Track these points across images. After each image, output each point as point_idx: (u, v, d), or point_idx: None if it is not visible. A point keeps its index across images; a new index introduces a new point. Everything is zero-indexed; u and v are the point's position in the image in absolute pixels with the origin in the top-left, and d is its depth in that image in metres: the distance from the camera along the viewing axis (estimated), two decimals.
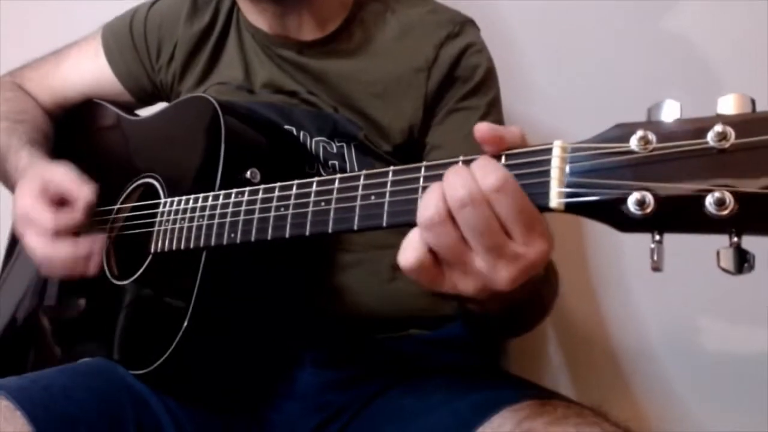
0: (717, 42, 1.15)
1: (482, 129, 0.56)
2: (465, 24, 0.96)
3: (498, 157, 0.56)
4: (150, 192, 0.93)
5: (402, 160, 0.93)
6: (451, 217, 0.54)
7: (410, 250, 0.56)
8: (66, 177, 0.90)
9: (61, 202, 0.89)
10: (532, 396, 0.78)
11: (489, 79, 0.95)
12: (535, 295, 0.70)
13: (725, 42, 1.14)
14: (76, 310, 0.98)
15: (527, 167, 0.55)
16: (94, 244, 0.87)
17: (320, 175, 0.91)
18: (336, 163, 0.94)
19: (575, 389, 1.22)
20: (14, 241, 1.15)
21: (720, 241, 0.49)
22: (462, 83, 0.93)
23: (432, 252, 0.56)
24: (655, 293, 1.19)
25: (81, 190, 0.88)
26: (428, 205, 0.55)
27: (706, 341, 1.19)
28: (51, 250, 0.86)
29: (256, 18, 0.98)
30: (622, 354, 1.23)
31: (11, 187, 1.01)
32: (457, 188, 0.53)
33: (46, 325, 1.03)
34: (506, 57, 1.14)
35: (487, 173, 0.53)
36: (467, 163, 0.57)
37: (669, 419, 1.19)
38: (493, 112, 0.94)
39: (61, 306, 1.00)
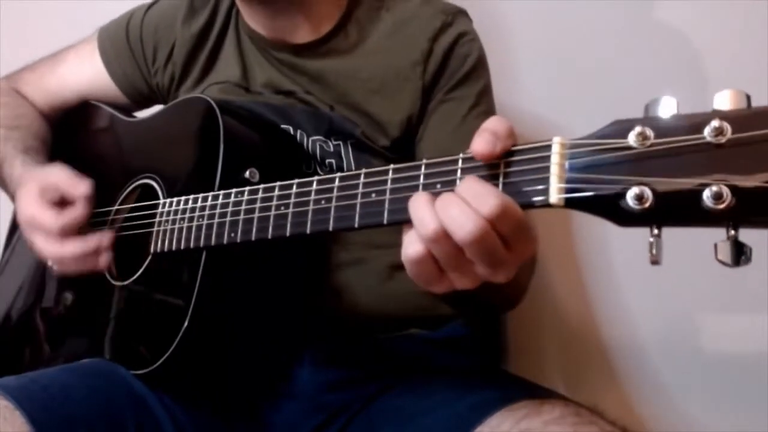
0: (713, 39, 1.15)
1: (479, 151, 0.56)
2: (457, 14, 0.97)
3: (498, 157, 0.57)
4: (148, 192, 0.93)
5: (399, 155, 0.94)
6: (449, 235, 0.55)
7: (411, 247, 0.57)
8: (61, 176, 0.91)
9: (61, 202, 0.90)
10: (530, 396, 0.79)
11: (479, 67, 0.95)
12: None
13: (722, 39, 1.15)
14: (75, 311, 0.98)
15: (527, 164, 0.56)
16: (102, 238, 0.89)
17: (318, 174, 0.93)
18: (333, 161, 0.94)
19: (572, 390, 1.22)
20: (10, 240, 1.15)
21: (717, 235, 0.50)
22: (452, 73, 0.94)
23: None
24: (649, 291, 1.19)
25: (77, 186, 0.89)
26: (425, 220, 0.55)
27: (700, 339, 1.19)
28: (60, 250, 0.88)
29: (253, 21, 0.98)
30: (619, 355, 1.23)
31: (10, 195, 1.02)
32: (465, 226, 0.54)
33: (44, 325, 1.03)
34: (501, 53, 1.15)
35: (483, 200, 0.54)
36: (467, 161, 0.59)
37: (662, 418, 1.19)
38: (483, 102, 0.95)
39: (59, 306, 1.00)
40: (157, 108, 1.08)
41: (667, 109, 0.52)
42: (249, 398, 0.92)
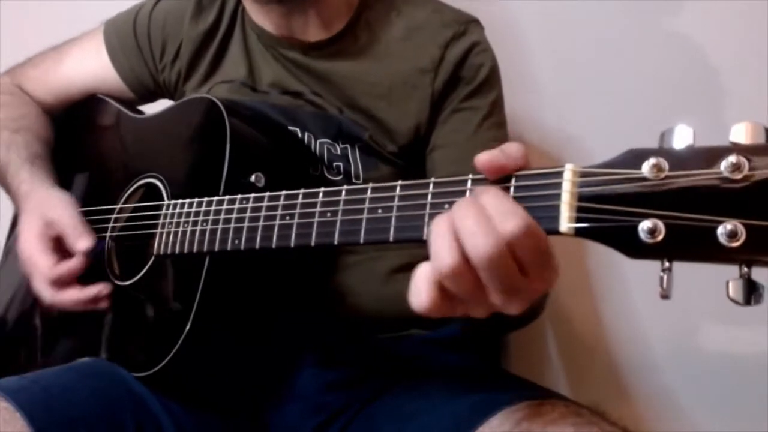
0: (728, 47, 1.14)
1: (482, 160, 0.55)
2: (470, 23, 0.96)
3: (508, 179, 0.56)
4: (152, 192, 0.92)
5: (406, 161, 0.94)
6: (468, 264, 0.52)
7: (424, 294, 0.54)
8: (68, 221, 0.91)
9: (59, 241, 0.91)
10: (530, 396, 0.78)
11: (492, 78, 0.95)
12: None
13: (735, 46, 1.13)
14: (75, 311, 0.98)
15: (537, 189, 0.54)
16: (102, 289, 0.89)
17: (324, 177, 0.93)
18: (341, 164, 0.94)
19: (573, 389, 1.23)
20: (9, 240, 1.14)
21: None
22: (466, 83, 0.93)
23: (444, 289, 0.54)
24: (651, 292, 1.19)
25: (79, 240, 0.90)
26: (443, 253, 0.52)
27: (704, 343, 1.20)
28: (54, 297, 0.89)
29: (262, 19, 0.97)
30: (619, 355, 1.24)
31: (14, 202, 1.02)
32: (480, 243, 0.50)
33: (44, 325, 1.03)
34: (513, 59, 1.14)
35: (506, 219, 0.51)
36: (476, 182, 0.57)
37: (665, 420, 1.20)
38: (495, 112, 0.94)
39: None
40: (163, 104, 1.07)
41: (683, 138, 0.51)
42: (250, 399, 0.92)
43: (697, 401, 1.19)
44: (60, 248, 0.91)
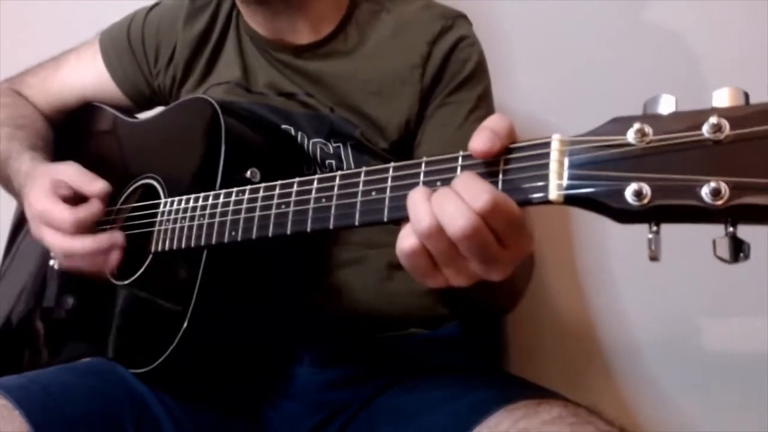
0: (711, 39, 1.16)
1: (478, 149, 0.57)
2: (457, 18, 0.97)
3: (496, 155, 0.57)
4: (150, 192, 0.93)
5: (398, 157, 0.94)
6: (443, 231, 0.56)
7: (407, 239, 0.59)
8: (75, 173, 0.90)
9: (73, 199, 0.89)
10: (528, 395, 0.79)
11: (478, 72, 0.96)
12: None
13: (719, 39, 1.15)
14: (75, 311, 0.98)
15: (526, 161, 0.56)
16: (115, 236, 0.87)
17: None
18: (333, 162, 0.95)
19: (569, 389, 1.22)
20: (11, 241, 1.15)
21: (715, 233, 0.50)
22: (452, 77, 0.94)
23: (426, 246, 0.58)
24: (646, 292, 1.20)
25: (93, 184, 0.89)
26: (420, 216, 0.57)
27: (697, 339, 1.20)
28: (71, 244, 0.86)
29: (254, 21, 0.99)
30: (615, 354, 1.24)
31: (14, 192, 1.02)
32: (457, 221, 0.55)
33: (45, 325, 1.03)
34: (500, 54, 1.16)
35: (477, 196, 0.55)
36: (467, 158, 0.59)
37: (660, 418, 1.20)
38: (482, 105, 0.95)
39: (60, 306, 1.00)
40: (158, 109, 1.09)
41: (665, 106, 0.52)
42: (249, 397, 0.92)
43: (693, 400, 1.18)
44: (74, 203, 0.88)
